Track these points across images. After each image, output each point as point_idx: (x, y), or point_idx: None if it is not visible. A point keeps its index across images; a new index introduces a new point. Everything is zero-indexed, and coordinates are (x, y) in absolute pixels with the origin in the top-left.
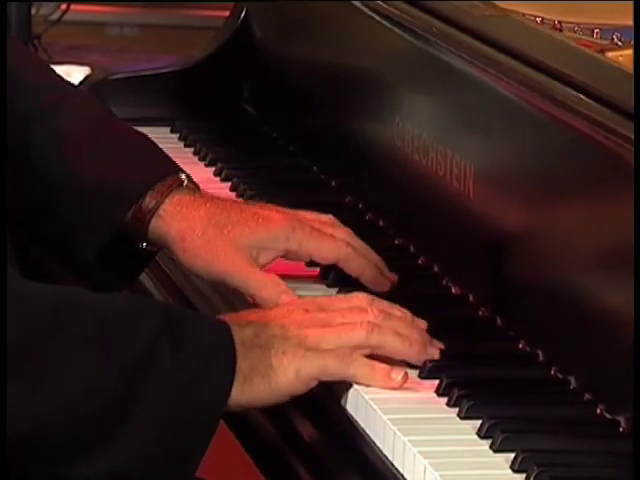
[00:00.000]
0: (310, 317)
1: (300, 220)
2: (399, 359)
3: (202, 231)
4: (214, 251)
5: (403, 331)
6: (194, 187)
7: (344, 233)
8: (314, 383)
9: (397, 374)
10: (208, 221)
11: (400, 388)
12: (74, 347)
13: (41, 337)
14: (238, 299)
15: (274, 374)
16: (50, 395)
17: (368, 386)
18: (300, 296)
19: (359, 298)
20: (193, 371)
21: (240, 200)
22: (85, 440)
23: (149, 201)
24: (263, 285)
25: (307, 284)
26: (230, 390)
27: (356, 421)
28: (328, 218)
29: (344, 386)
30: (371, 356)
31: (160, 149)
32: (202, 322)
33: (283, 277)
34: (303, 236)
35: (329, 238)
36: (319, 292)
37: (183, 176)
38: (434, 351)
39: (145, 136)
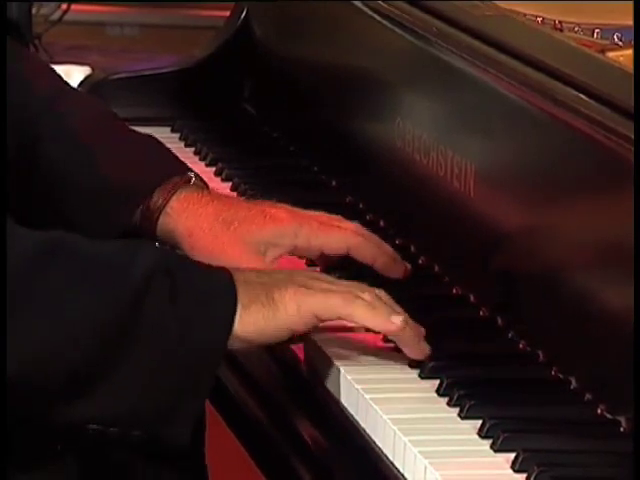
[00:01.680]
0: (314, 276)
1: (307, 216)
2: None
3: (209, 228)
4: (221, 247)
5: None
6: (202, 185)
7: (352, 225)
8: (314, 321)
9: (396, 318)
10: (215, 218)
11: (397, 332)
12: (60, 285)
13: (26, 275)
14: None
15: (274, 306)
16: (40, 333)
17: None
18: None
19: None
20: (191, 305)
21: (247, 199)
22: (81, 380)
23: (157, 199)
24: None
25: None
26: (232, 322)
27: (357, 421)
28: (335, 216)
29: (345, 386)
30: None
31: (167, 148)
32: (201, 265)
33: None
34: (311, 231)
35: (336, 229)
36: None
37: (191, 174)
38: (425, 346)
39: (151, 136)
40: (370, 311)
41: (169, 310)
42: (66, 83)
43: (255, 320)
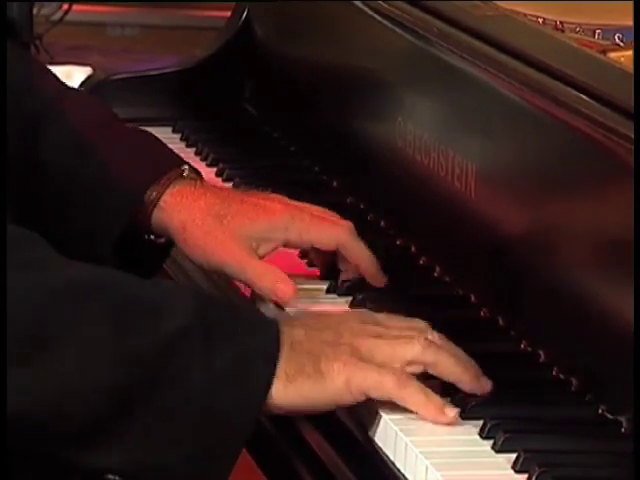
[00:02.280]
0: (365, 327)
1: (300, 209)
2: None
3: (202, 221)
4: (213, 241)
5: (459, 354)
6: (195, 177)
7: (345, 224)
8: (362, 398)
9: (450, 410)
10: (208, 211)
11: (447, 424)
12: (91, 326)
13: (58, 311)
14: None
15: (322, 379)
16: (66, 374)
17: (414, 413)
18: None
19: (418, 321)
20: (226, 365)
21: (241, 190)
22: (103, 427)
23: (150, 193)
24: (261, 274)
25: (307, 284)
26: (267, 390)
27: (358, 421)
28: (329, 212)
29: None
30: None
31: (162, 143)
32: (247, 317)
33: None
34: (302, 225)
35: (328, 224)
36: (319, 292)
37: (184, 166)
38: (485, 384)
39: (146, 132)
40: (424, 401)
41: (200, 365)
42: (64, 84)
43: (301, 392)
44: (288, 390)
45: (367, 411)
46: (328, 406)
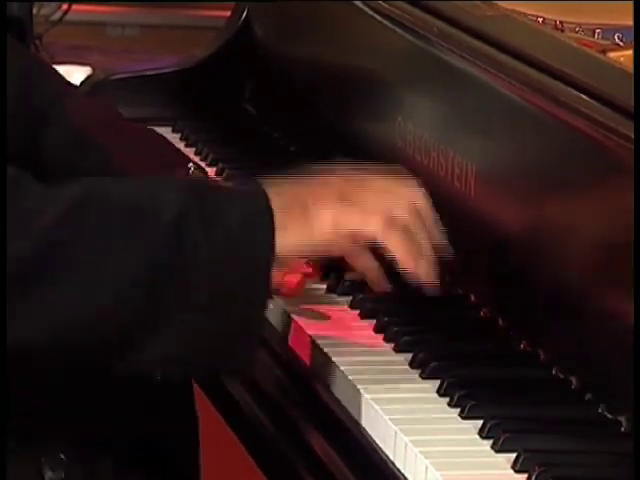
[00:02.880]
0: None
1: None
2: None
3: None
4: None
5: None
6: (200, 175)
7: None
8: (349, 240)
9: (424, 265)
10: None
11: (422, 272)
12: (97, 244)
13: (63, 239)
14: None
15: (310, 225)
16: (86, 296)
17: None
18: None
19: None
20: (227, 234)
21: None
22: (131, 334)
23: None
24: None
25: (307, 283)
26: (273, 246)
27: (358, 421)
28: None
29: (346, 386)
30: None
31: (167, 141)
32: (228, 189)
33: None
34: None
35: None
36: (319, 291)
37: (190, 165)
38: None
39: (152, 130)
40: (407, 245)
41: (205, 240)
42: (68, 82)
43: (296, 239)
44: (288, 240)
45: (367, 410)
46: (319, 252)
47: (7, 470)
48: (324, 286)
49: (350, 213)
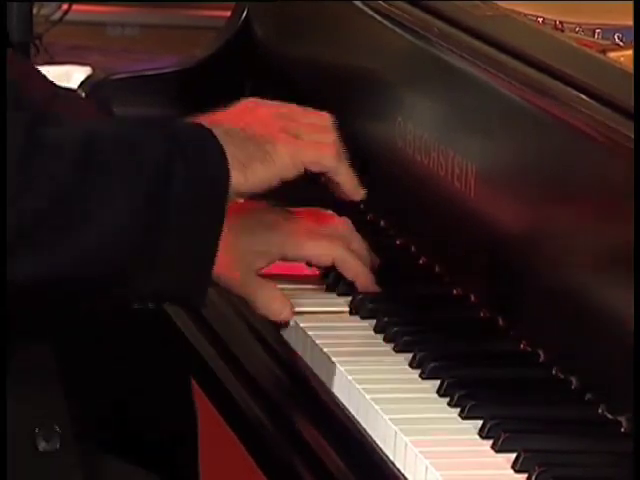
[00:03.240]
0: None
1: (297, 224)
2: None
3: None
4: None
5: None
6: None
7: (341, 224)
8: (302, 170)
9: (361, 192)
10: None
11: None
12: (101, 185)
13: (73, 183)
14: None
15: (271, 159)
16: (94, 233)
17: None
18: (299, 301)
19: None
20: (186, 177)
21: (235, 203)
22: (126, 272)
23: None
24: (256, 290)
25: (306, 283)
26: (228, 181)
27: (357, 421)
28: (327, 212)
29: (345, 386)
30: None
31: None
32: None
33: (283, 278)
34: (298, 242)
35: (325, 240)
36: (319, 292)
37: None
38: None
39: None
40: (353, 177)
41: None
42: (56, 85)
43: (256, 175)
44: (248, 176)
45: (367, 410)
46: (276, 183)
47: None
48: (323, 286)
49: (304, 147)
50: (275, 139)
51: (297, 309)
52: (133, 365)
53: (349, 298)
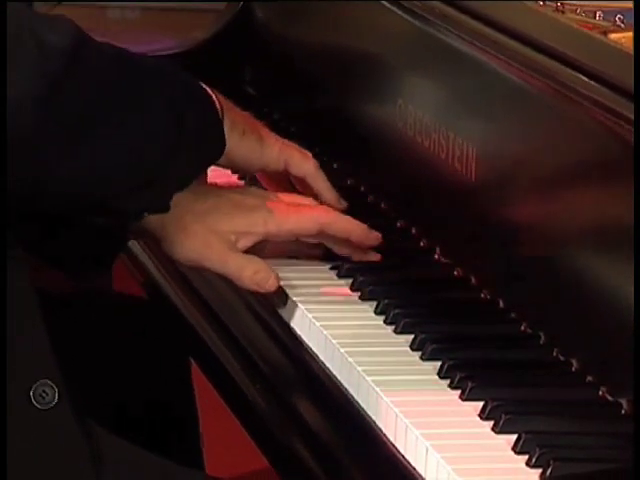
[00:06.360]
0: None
1: (277, 200)
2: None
3: (180, 218)
4: (192, 237)
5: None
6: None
7: (322, 208)
8: (284, 166)
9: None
10: (186, 208)
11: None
12: (119, 109)
13: (99, 97)
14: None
15: (263, 143)
16: (114, 150)
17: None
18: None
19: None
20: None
21: (218, 186)
22: (142, 183)
23: None
24: (242, 266)
25: (308, 264)
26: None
27: (358, 403)
28: (308, 199)
29: (346, 368)
30: None
31: None
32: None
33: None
34: (281, 216)
35: (307, 209)
36: (323, 274)
37: None
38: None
39: None
40: (335, 193)
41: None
42: None
43: (249, 147)
44: (242, 142)
45: (368, 392)
46: (258, 169)
47: None
48: (325, 268)
49: (292, 148)
50: (273, 136)
51: (298, 291)
52: (132, 348)
53: (350, 280)
